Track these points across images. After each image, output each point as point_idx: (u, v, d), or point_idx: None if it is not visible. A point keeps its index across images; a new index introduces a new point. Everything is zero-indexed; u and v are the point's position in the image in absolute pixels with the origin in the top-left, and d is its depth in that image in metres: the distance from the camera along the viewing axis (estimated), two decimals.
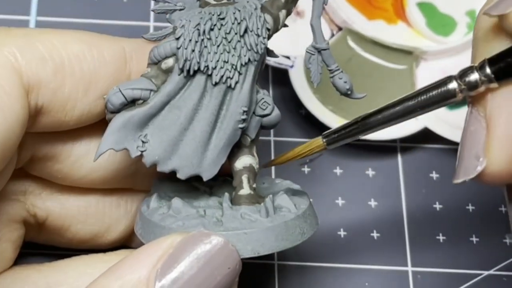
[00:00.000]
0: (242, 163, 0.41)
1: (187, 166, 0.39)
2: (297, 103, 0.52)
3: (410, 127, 0.52)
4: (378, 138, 0.52)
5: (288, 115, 0.53)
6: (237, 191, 0.40)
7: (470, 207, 0.52)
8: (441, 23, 0.55)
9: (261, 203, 0.39)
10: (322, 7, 0.40)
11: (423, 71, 0.54)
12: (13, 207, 0.43)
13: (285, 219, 0.39)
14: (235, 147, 0.40)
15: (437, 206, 0.52)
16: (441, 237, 0.51)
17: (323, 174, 0.52)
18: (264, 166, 0.41)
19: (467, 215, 0.52)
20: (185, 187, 0.42)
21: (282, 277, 0.49)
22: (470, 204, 0.52)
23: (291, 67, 0.52)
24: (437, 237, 0.51)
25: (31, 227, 0.45)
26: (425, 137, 0.52)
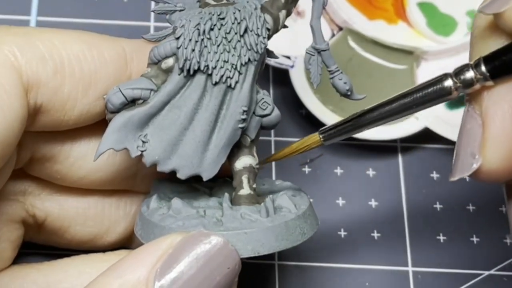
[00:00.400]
0: (242, 163, 0.41)
1: (187, 166, 0.39)
2: (297, 103, 0.52)
3: (410, 127, 0.52)
4: (378, 138, 0.52)
5: (288, 115, 0.53)
6: (237, 191, 0.40)
7: (470, 207, 0.52)
8: (441, 23, 0.55)
9: (261, 203, 0.39)
10: (321, 8, 0.40)
11: (424, 71, 0.54)
12: (12, 207, 0.43)
13: (286, 219, 0.39)
14: (235, 147, 0.40)
15: (438, 206, 0.52)
16: (442, 237, 0.51)
17: (323, 174, 0.52)
18: (261, 162, 0.41)
19: (467, 215, 0.52)
20: (185, 188, 0.42)
21: (282, 277, 0.49)
22: (470, 204, 0.52)
23: (292, 67, 0.52)
24: (438, 237, 0.51)
25: (30, 227, 0.45)
26: (426, 137, 0.52)
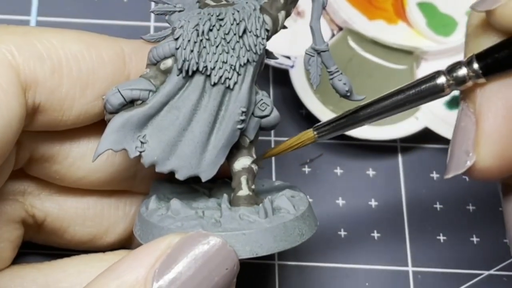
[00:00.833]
0: (241, 164, 0.41)
1: (185, 166, 0.39)
2: (297, 103, 0.52)
3: (410, 127, 0.52)
4: (378, 138, 0.52)
5: (288, 115, 0.53)
6: (235, 192, 0.40)
7: (470, 207, 0.52)
8: (441, 23, 0.55)
9: (260, 204, 0.39)
10: (321, 9, 0.40)
11: (424, 71, 0.54)
12: (12, 207, 0.43)
13: (284, 220, 0.39)
14: (234, 148, 0.40)
15: (437, 206, 0.52)
16: (442, 237, 0.51)
17: (323, 174, 0.52)
18: (257, 159, 0.41)
19: (467, 215, 0.52)
20: (185, 189, 0.42)
21: (282, 277, 0.49)
22: (470, 204, 0.52)
23: (292, 67, 0.52)
24: (438, 237, 0.51)
25: (30, 227, 0.45)
26: (425, 137, 0.52)
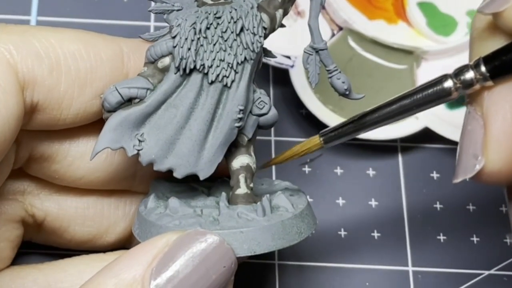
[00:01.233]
0: (239, 162, 0.41)
1: (183, 165, 0.39)
2: (297, 103, 0.52)
3: (410, 127, 0.52)
4: (378, 138, 0.52)
5: (288, 115, 0.53)
6: (234, 190, 0.40)
7: (470, 207, 0.52)
8: (441, 23, 0.55)
9: (258, 202, 0.39)
10: (319, 7, 0.40)
11: (424, 71, 0.54)
12: (11, 207, 0.43)
13: (282, 218, 0.39)
14: (232, 147, 0.40)
15: (438, 206, 0.52)
16: (442, 237, 0.51)
17: (323, 174, 0.52)
18: (262, 166, 0.41)
19: (468, 215, 0.51)
20: (183, 188, 0.42)
21: (282, 277, 0.49)
22: (470, 204, 0.52)
23: (292, 67, 0.52)
24: (438, 237, 0.51)
25: (30, 227, 0.45)
26: (426, 137, 0.52)
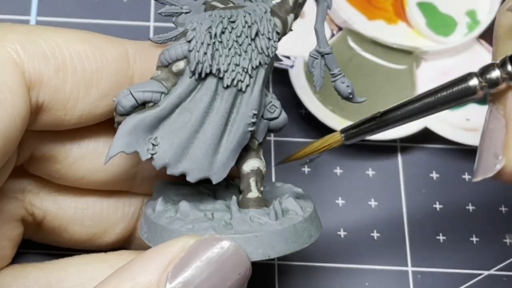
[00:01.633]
0: (250, 166, 0.41)
1: (197, 169, 0.39)
2: (297, 103, 0.52)
3: (410, 127, 0.52)
4: (378, 138, 0.52)
5: (288, 115, 0.53)
6: (245, 194, 0.40)
7: (470, 207, 0.52)
8: (441, 23, 0.55)
9: (269, 206, 0.39)
10: (326, 11, 0.40)
11: (424, 71, 0.54)
12: (11, 205, 0.43)
13: (294, 222, 0.39)
14: (243, 150, 0.40)
15: (437, 206, 0.52)
16: (441, 237, 0.51)
17: (323, 174, 0.52)
18: (282, 162, 0.41)
19: (467, 215, 0.52)
20: (189, 190, 0.42)
21: (282, 277, 0.49)
22: (470, 204, 0.52)
23: (291, 67, 0.52)
24: (437, 237, 0.51)
25: (29, 225, 0.44)
26: (425, 137, 0.52)
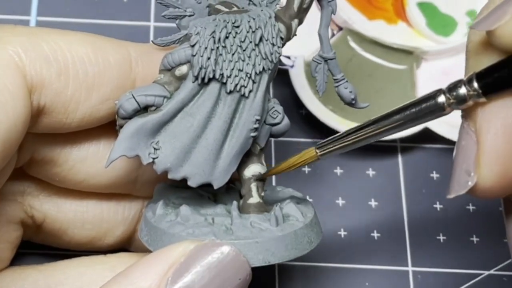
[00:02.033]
0: (251, 171, 0.40)
1: (198, 174, 0.39)
2: (297, 103, 0.52)
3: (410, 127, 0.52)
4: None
5: (288, 115, 0.53)
6: (245, 199, 0.40)
7: (470, 207, 0.52)
8: (441, 23, 0.55)
9: (270, 212, 0.39)
10: (330, 16, 0.40)
11: (424, 71, 0.54)
12: (11, 208, 0.43)
13: (294, 228, 0.39)
14: (244, 155, 0.40)
15: (437, 206, 0.52)
16: (442, 237, 0.51)
17: (323, 174, 0.52)
18: (260, 178, 0.41)
19: (467, 215, 0.52)
20: (189, 194, 0.41)
21: (282, 277, 0.49)
22: (470, 204, 0.52)
23: (292, 67, 0.52)
24: (438, 237, 0.51)
25: (29, 228, 0.44)
26: (425, 137, 0.52)
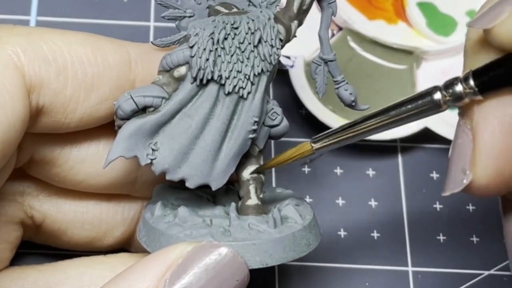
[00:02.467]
0: (249, 173, 0.41)
1: (196, 175, 0.39)
2: (297, 103, 0.52)
3: (410, 127, 0.52)
4: (378, 138, 0.52)
5: (288, 115, 0.53)
6: (244, 201, 0.40)
7: (470, 207, 0.52)
8: (441, 23, 0.55)
9: (268, 214, 0.39)
10: (330, 18, 0.40)
11: (424, 71, 0.54)
12: (11, 208, 0.43)
13: (293, 230, 0.39)
14: (243, 157, 0.40)
15: (437, 206, 0.52)
16: (441, 237, 0.51)
17: (323, 174, 0.52)
18: (255, 171, 0.41)
19: (467, 215, 0.52)
20: (188, 195, 0.41)
21: (282, 277, 0.49)
22: (470, 204, 0.52)
23: (291, 67, 0.52)
24: (437, 237, 0.51)
25: (29, 228, 0.44)
26: (425, 137, 0.52)
